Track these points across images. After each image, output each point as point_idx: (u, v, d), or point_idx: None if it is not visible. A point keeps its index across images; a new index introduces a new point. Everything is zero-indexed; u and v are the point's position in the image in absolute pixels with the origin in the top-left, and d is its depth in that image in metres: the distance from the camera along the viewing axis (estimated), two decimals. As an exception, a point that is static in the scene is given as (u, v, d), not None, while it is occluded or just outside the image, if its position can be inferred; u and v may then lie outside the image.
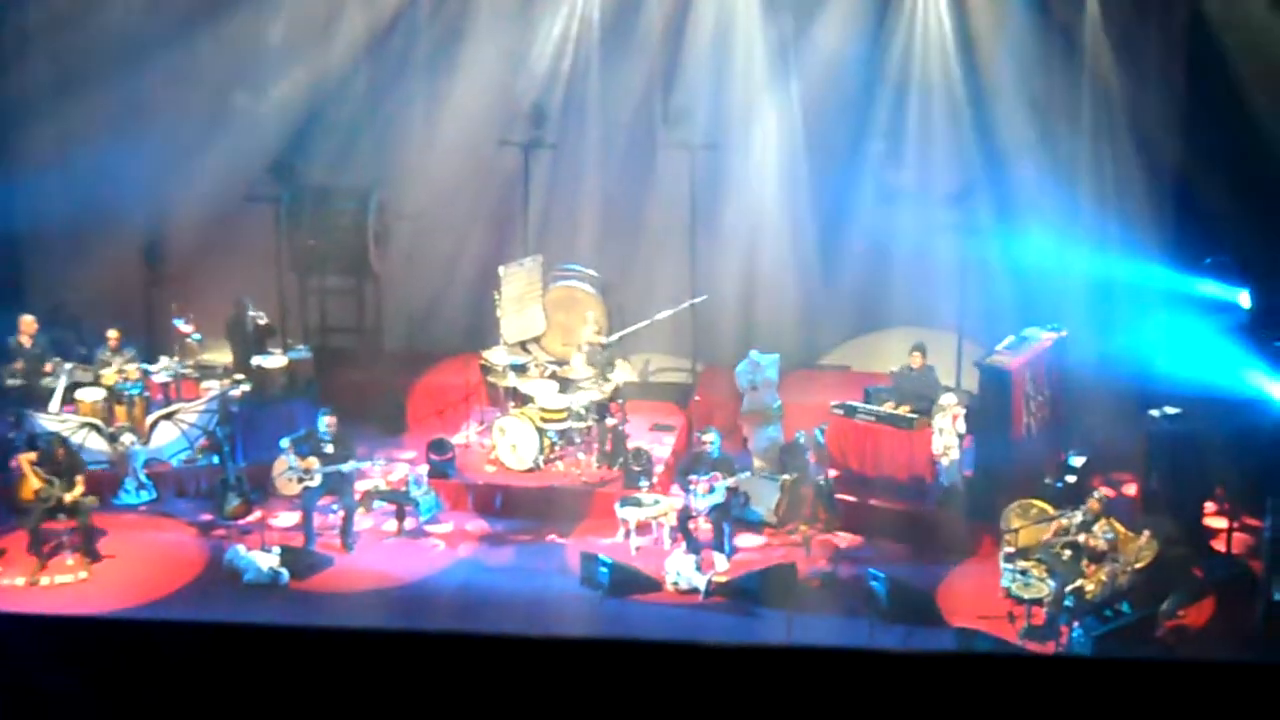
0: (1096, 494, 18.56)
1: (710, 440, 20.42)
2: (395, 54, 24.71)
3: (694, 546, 19.87)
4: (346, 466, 20.29)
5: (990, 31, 23.37)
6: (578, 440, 22.28)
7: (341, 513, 20.30)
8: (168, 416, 22.14)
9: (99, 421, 21.72)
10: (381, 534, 20.79)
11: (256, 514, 20.83)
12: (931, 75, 23.62)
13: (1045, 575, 18.18)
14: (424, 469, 21.49)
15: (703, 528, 20.15)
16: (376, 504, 20.95)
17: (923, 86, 23.66)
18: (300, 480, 20.25)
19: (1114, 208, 22.97)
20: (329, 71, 24.89)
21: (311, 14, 24.84)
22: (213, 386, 22.83)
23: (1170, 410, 20.56)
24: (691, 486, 20.03)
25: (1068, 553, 18.17)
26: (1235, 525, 19.99)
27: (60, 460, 19.87)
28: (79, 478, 19.85)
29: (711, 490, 19.99)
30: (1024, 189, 22.87)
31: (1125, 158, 23.17)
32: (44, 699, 7.62)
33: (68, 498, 19.59)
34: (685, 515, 20.06)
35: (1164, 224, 23.29)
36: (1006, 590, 18.44)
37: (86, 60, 24.82)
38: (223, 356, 23.99)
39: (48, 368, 22.42)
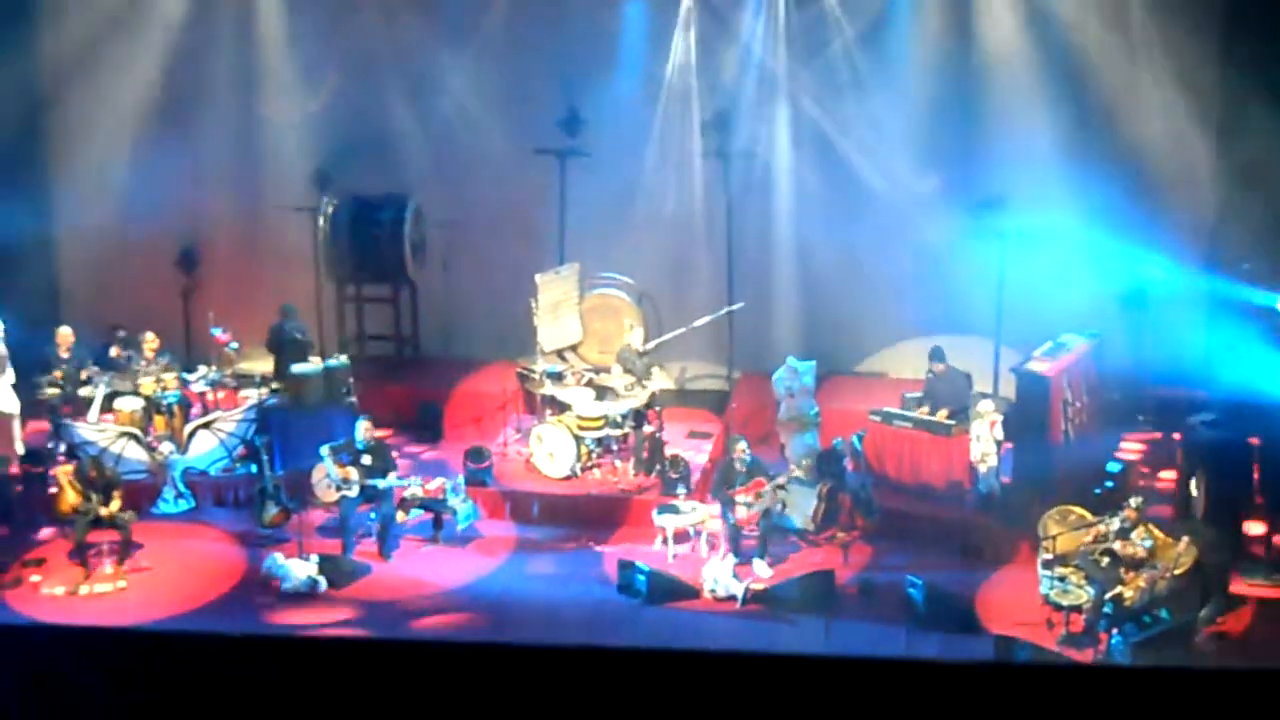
0: (1134, 500, 18.47)
1: (742, 449, 20.43)
2: (433, 63, 24.78)
3: (744, 556, 19.85)
4: (384, 483, 20.32)
5: (1026, 35, 23.34)
6: (615, 448, 22.29)
7: (379, 521, 20.31)
8: (206, 426, 22.23)
9: (137, 431, 21.83)
10: (419, 542, 20.79)
11: (294, 522, 20.83)
12: (968, 79, 23.60)
13: (1084, 582, 18.11)
14: (461, 477, 21.47)
15: (748, 536, 20.15)
16: (414, 512, 20.95)
17: (960, 91, 23.63)
18: (338, 489, 20.28)
19: (1151, 212, 22.89)
20: (367, 80, 24.99)
21: (349, 23, 24.94)
22: (250, 395, 22.91)
23: (1208, 416, 20.48)
24: (738, 498, 20.02)
25: (1106, 559, 18.10)
26: (1274, 531, 19.90)
27: (94, 477, 19.96)
28: (116, 493, 19.94)
29: (760, 496, 20.00)
30: (1060, 193, 22.79)
31: (1161, 161, 23.12)
32: (83, 708, 7.66)
33: (104, 512, 19.68)
34: (737, 533, 20.02)
35: (1201, 228, 23.24)
36: (1045, 597, 18.34)
37: (124, 72, 24.97)
38: (260, 365, 24.06)
39: (84, 376, 22.53)
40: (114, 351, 23.00)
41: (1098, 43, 23.25)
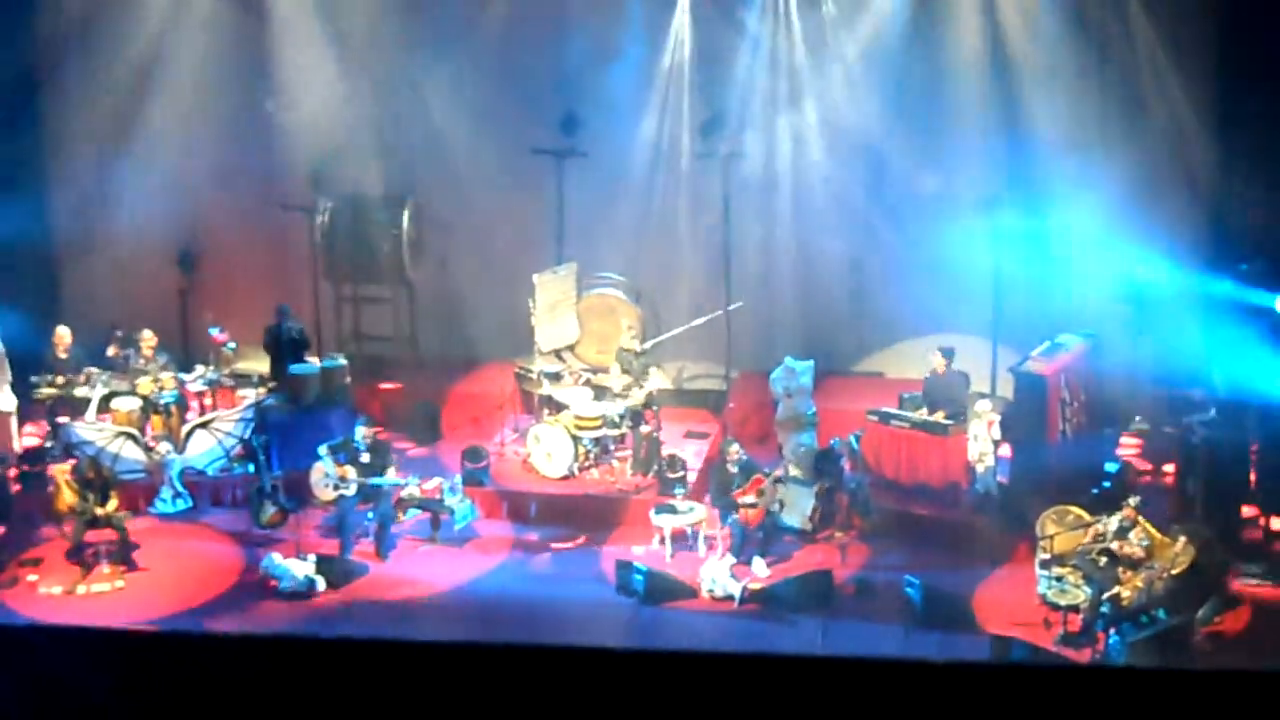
0: (1132, 500, 18.47)
1: (735, 451, 20.45)
2: (430, 62, 24.76)
3: (747, 555, 19.87)
4: (382, 481, 20.33)
5: (1023, 35, 23.35)
6: (612, 448, 22.30)
7: (376, 521, 20.32)
8: (203, 425, 22.24)
9: (135, 431, 21.82)
10: (416, 542, 20.79)
11: (292, 522, 20.82)
12: (964, 80, 23.58)
13: (1081, 582, 18.12)
14: (459, 477, 21.46)
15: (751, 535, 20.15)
16: (411, 512, 20.94)
17: (955, 91, 23.62)
18: (336, 488, 20.28)
19: (1148, 213, 22.91)
20: (364, 79, 24.99)
21: (347, 23, 24.93)
22: (248, 395, 22.94)
23: (1205, 416, 20.50)
24: (741, 499, 20.03)
25: (1103, 559, 18.11)
26: (1273, 531, 19.90)
27: (92, 477, 19.99)
28: (113, 493, 19.97)
29: (762, 494, 20.00)
30: (1057, 194, 22.81)
31: (1160, 162, 23.14)
32: (79, 709, 7.65)
33: (100, 512, 19.71)
34: (743, 533, 20.00)
35: (1199, 229, 23.27)
36: (1042, 597, 18.36)
37: (122, 72, 24.98)
38: (258, 365, 24.06)
39: (82, 378, 22.53)
40: (112, 351, 22.99)
41: (1096, 43, 23.27)
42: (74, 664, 7.66)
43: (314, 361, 23.51)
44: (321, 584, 19.39)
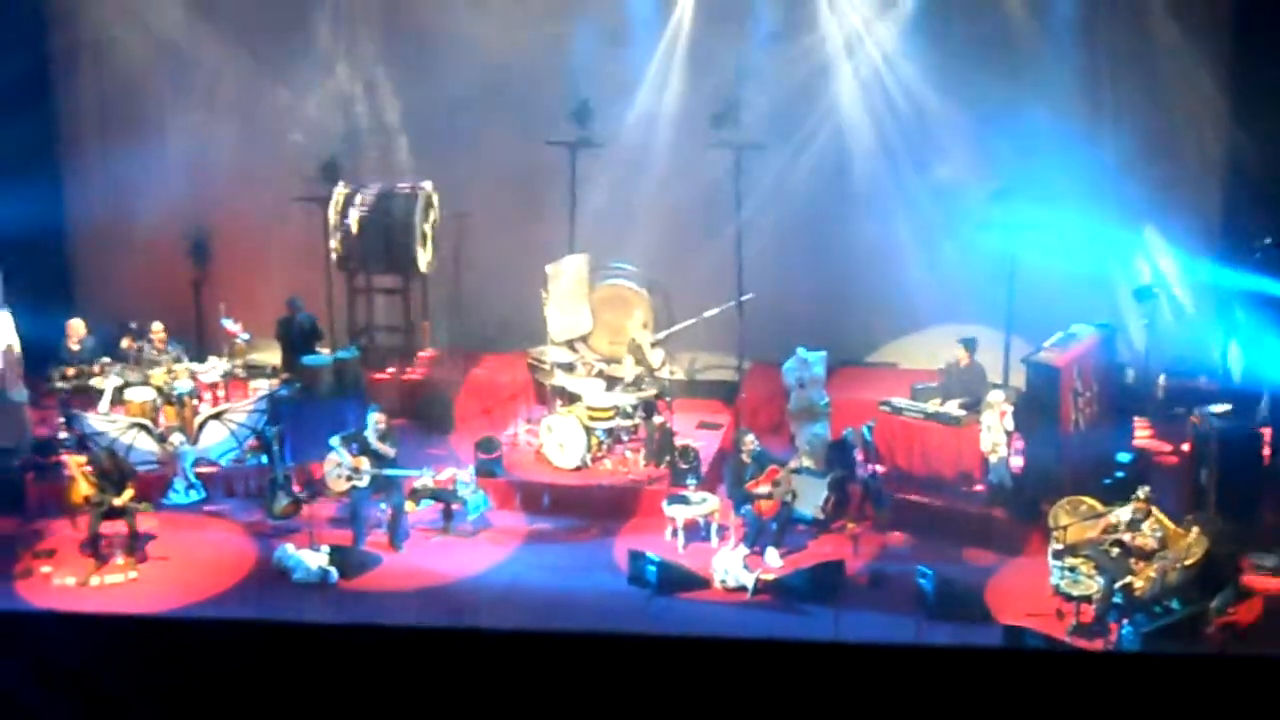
0: (1142, 491, 18.44)
1: (750, 442, 20.45)
2: (442, 52, 24.74)
3: (761, 546, 19.86)
4: (395, 471, 20.36)
5: (1032, 24, 23.33)
6: (625, 438, 22.30)
7: (390, 511, 20.34)
8: (216, 417, 22.23)
9: (148, 422, 21.83)
10: (429, 532, 20.81)
11: (305, 513, 20.84)
12: (975, 69, 23.52)
13: (1094, 572, 18.09)
14: (471, 468, 21.47)
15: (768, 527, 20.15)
16: (424, 502, 20.95)
17: (967, 80, 23.55)
18: (349, 479, 20.30)
19: (1163, 201, 22.89)
20: (378, 70, 25.01)
21: (359, 12, 24.95)
22: (261, 386, 22.96)
23: (1219, 407, 20.46)
24: (758, 490, 20.02)
25: (1116, 550, 18.09)
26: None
27: (109, 468, 20.01)
28: (129, 483, 19.99)
29: (777, 484, 19.99)
30: (1071, 183, 22.77)
31: (1173, 151, 23.13)
32: (96, 697, 7.66)
33: (117, 502, 19.74)
34: (759, 523, 19.98)
35: (1213, 217, 23.25)
36: (1055, 588, 18.34)
37: (135, 62, 25.04)
38: (271, 356, 24.10)
39: (96, 369, 22.55)
40: (125, 343, 23.03)
41: (1108, 28, 23.28)
42: (86, 650, 7.69)
43: (326, 352, 23.54)
44: (335, 575, 19.42)
